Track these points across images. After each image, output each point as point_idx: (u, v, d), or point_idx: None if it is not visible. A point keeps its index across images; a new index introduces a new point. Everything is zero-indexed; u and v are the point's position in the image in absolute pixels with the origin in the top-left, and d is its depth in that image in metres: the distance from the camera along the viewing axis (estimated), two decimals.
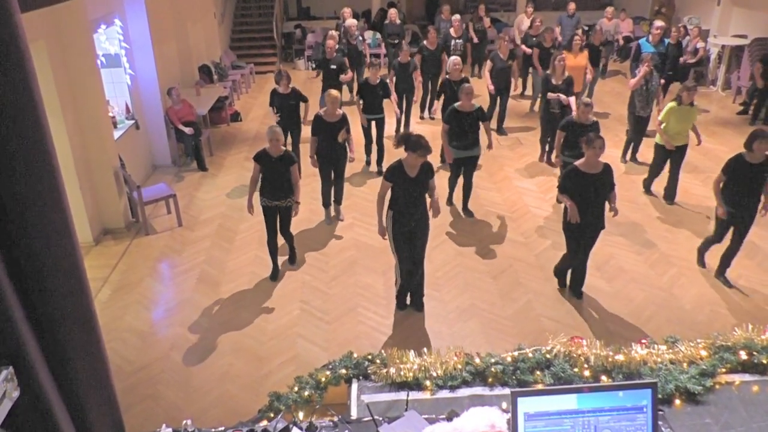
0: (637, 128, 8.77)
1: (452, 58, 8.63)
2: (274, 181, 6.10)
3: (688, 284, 6.13)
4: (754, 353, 2.96)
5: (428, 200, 5.44)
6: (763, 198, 5.70)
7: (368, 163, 9.10)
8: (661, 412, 2.46)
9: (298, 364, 5.23)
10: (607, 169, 5.39)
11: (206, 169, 9.28)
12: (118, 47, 8.21)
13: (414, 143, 5.09)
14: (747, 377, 2.94)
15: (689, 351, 2.98)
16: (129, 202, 7.69)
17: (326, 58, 9.68)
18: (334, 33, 10.54)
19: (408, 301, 5.86)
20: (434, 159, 7.23)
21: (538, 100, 10.40)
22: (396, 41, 12.17)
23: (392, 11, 12.70)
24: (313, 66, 10.13)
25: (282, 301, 6.10)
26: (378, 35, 15.06)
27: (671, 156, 7.51)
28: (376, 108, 8.57)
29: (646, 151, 8.96)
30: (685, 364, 2.94)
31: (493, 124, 10.13)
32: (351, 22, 11.24)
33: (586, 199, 5.34)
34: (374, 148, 8.88)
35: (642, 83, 8.41)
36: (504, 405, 2.30)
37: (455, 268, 6.55)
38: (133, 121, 8.49)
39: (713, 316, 5.62)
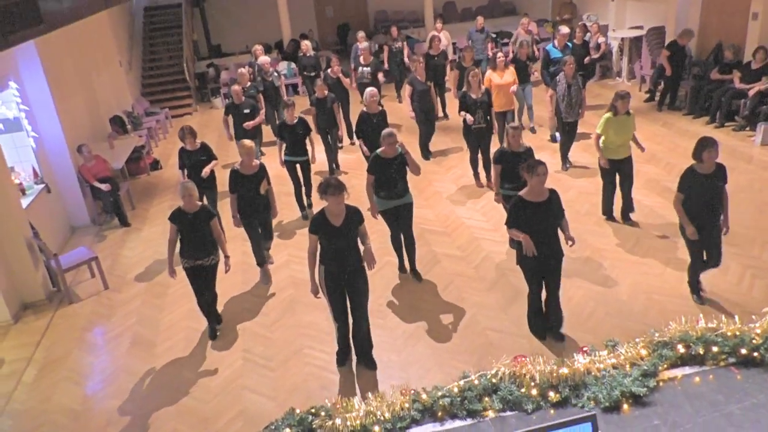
0: (568, 133, 8.75)
1: (368, 89, 8.20)
2: (194, 240, 5.71)
3: (622, 275, 6.26)
4: (691, 345, 3.00)
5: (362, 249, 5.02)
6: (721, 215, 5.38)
7: (305, 217, 8.29)
8: None
9: (246, 418, 5.01)
10: (554, 196, 5.03)
11: (129, 224, 8.89)
12: (16, 110, 7.78)
13: (323, 185, 4.74)
14: (687, 370, 2.98)
15: (629, 352, 2.99)
16: (48, 272, 7.25)
17: (235, 104, 9.25)
18: (244, 72, 10.21)
19: (354, 359, 5.43)
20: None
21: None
22: (312, 73, 12.01)
23: (305, 43, 12.54)
24: (225, 112, 9.57)
25: (223, 353, 5.85)
26: (293, 65, 14.97)
27: (619, 170, 6.99)
28: (299, 150, 8.04)
29: (578, 155, 9.19)
30: (627, 367, 2.95)
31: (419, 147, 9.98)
32: (264, 59, 11.01)
33: (538, 229, 4.93)
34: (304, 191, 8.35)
35: (565, 88, 8.36)
36: None
37: (397, 292, 6.47)
38: (43, 185, 8.05)
39: (649, 304, 5.75)
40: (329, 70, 10.53)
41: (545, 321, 5.43)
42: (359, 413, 2.81)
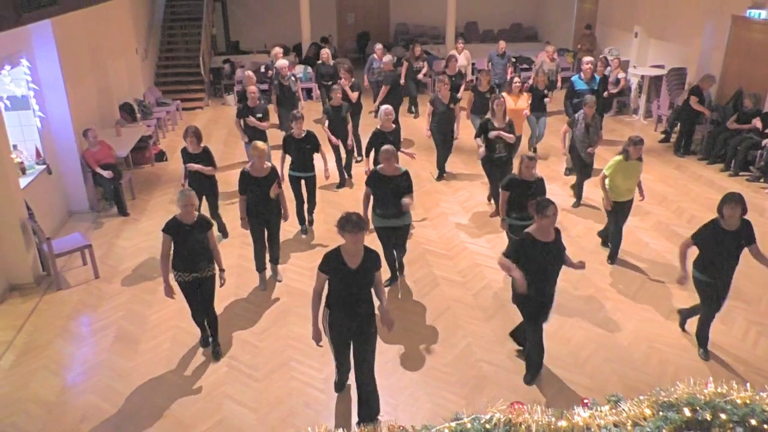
0: (584, 171, 8.40)
1: (383, 107, 7.90)
2: (191, 252, 5.31)
3: (624, 319, 6.09)
4: (698, 409, 2.83)
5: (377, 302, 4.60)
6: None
7: (304, 231, 8.01)
8: None
9: (225, 428, 4.85)
10: (559, 235, 4.85)
11: (127, 214, 8.74)
12: (25, 88, 7.67)
13: (342, 220, 4.25)
14: None
15: (632, 411, 2.83)
16: (39, 255, 7.10)
17: (249, 106, 8.92)
18: (251, 74, 9.96)
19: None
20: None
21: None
22: (329, 82, 11.76)
23: (324, 51, 12.36)
24: (237, 115, 9.18)
25: (208, 357, 5.68)
26: (309, 69, 14.89)
27: (619, 211, 6.81)
28: (305, 165, 7.57)
29: (588, 190, 8.79)
30: (629, 425, 2.78)
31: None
32: (282, 63, 10.76)
33: (543, 269, 4.73)
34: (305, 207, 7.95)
35: (583, 129, 8.05)
36: None
37: (392, 312, 6.29)
38: (44, 166, 7.92)
39: (650, 353, 5.58)
40: (339, 82, 10.38)
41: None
42: None
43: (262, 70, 14.12)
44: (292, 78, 10.75)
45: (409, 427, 2.84)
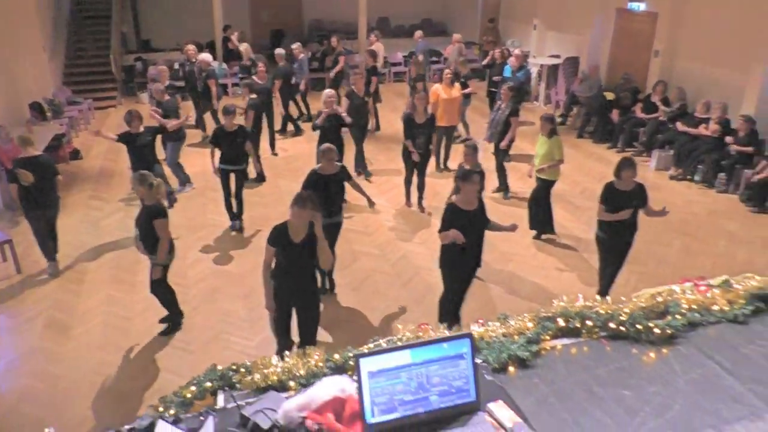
0: (495, 159, 8.85)
1: (326, 91, 8.20)
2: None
3: (525, 275, 6.81)
4: (570, 319, 3.44)
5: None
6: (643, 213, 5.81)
7: (235, 228, 7.98)
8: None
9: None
10: (481, 204, 5.21)
11: None
12: None
13: (296, 197, 4.49)
14: (566, 341, 3.40)
15: (518, 324, 3.40)
16: None
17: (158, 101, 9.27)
18: (164, 68, 10.12)
19: None
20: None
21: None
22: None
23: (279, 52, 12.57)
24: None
25: (141, 336, 5.91)
26: (224, 66, 14.99)
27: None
28: (235, 158, 7.72)
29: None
30: (515, 336, 3.35)
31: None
32: (205, 56, 10.87)
33: (469, 234, 4.98)
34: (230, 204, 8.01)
35: (495, 111, 8.84)
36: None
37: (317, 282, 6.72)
38: None
39: (546, 299, 6.28)
40: (254, 77, 10.60)
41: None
42: (276, 369, 3.06)
43: (176, 67, 14.11)
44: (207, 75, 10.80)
45: (336, 353, 3.29)
